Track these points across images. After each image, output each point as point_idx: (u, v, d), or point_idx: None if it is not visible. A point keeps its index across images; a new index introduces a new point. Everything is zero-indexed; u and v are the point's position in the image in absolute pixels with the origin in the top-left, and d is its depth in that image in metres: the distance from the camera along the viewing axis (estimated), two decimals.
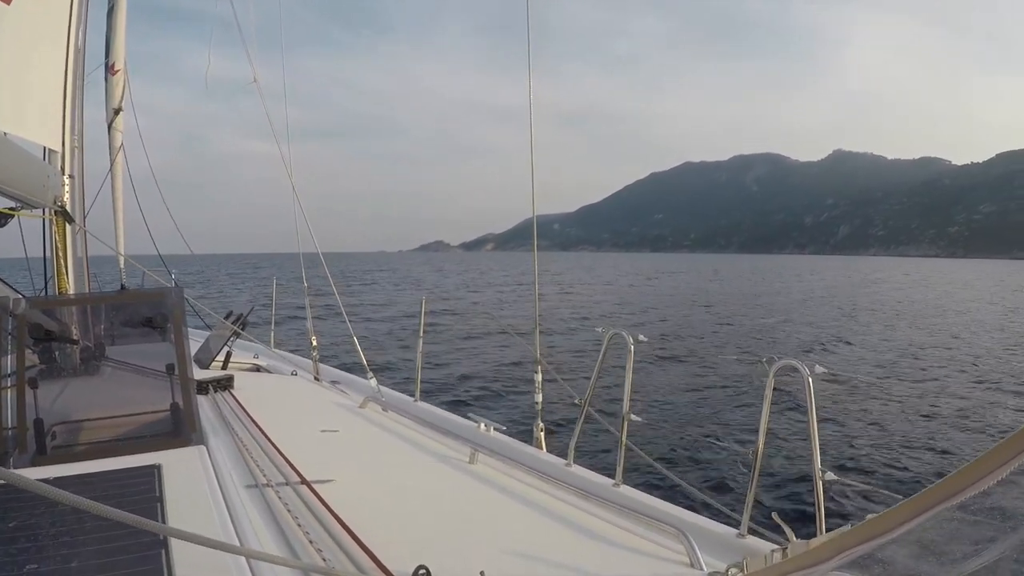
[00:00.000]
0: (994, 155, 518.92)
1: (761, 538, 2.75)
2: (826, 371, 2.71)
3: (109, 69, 7.11)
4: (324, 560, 2.30)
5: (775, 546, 2.46)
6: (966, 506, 1.46)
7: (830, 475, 2.59)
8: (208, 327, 7.38)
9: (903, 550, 1.62)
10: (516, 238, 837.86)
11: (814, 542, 2.03)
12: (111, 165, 7.18)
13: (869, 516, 1.78)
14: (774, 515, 2.40)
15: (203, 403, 4.45)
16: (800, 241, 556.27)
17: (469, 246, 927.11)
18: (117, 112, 7.11)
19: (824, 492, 2.63)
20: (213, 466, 2.93)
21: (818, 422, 2.61)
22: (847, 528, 1.90)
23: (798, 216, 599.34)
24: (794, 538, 2.18)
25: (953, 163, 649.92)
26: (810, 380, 2.60)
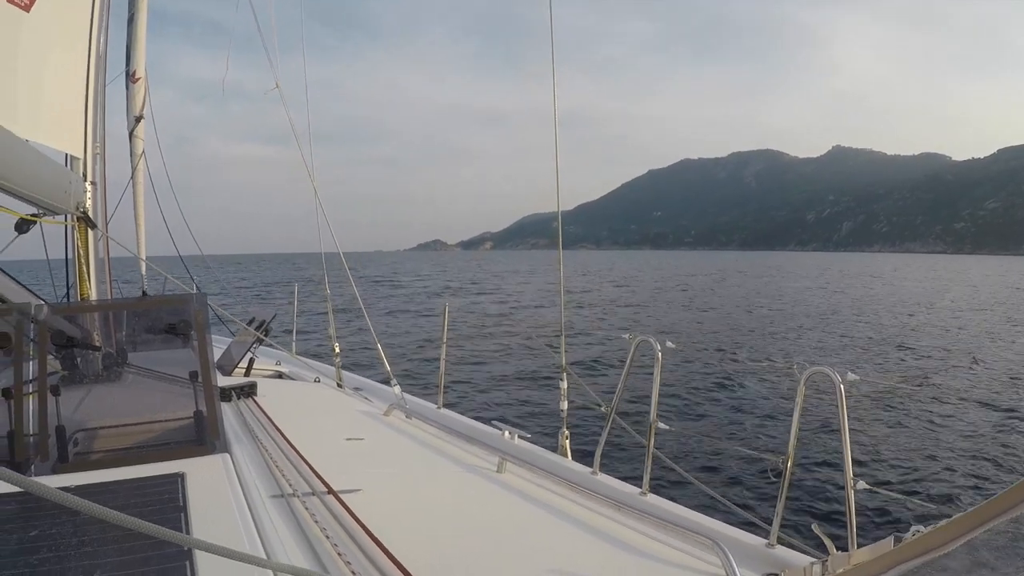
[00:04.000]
0: (995, 150, 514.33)
1: (790, 548, 2.74)
2: (858, 378, 2.69)
3: (130, 77, 7.13)
4: (353, 573, 2.31)
5: (812, 559, 2.45)
6: (1021, 520, 1.46)
7: (862, 485, 2.56)
8: (231, 333, 7.38)
9: (954, 563, 1.62)
10: (515, 236, 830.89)
11: (856, 556, 2.02)
12: (132, 172, 7.19)
13: (915, 528, 1.77)
14: (814, 526, 2.38)
15: (226, 410, 4.44)
16: (802, 238, 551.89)
17: (467, 245, 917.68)
18: (139, 120, 7.12)
19: (856, 503, 2.59)
20: (238, 475, 2.89)
21: (850, 430, 2.59)
22: (887, 540, 1.89)
23: (799, 213, 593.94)
24: (834, 551, 2.17)
25: (954, 159, 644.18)
26: (842, 387, 2.56)
